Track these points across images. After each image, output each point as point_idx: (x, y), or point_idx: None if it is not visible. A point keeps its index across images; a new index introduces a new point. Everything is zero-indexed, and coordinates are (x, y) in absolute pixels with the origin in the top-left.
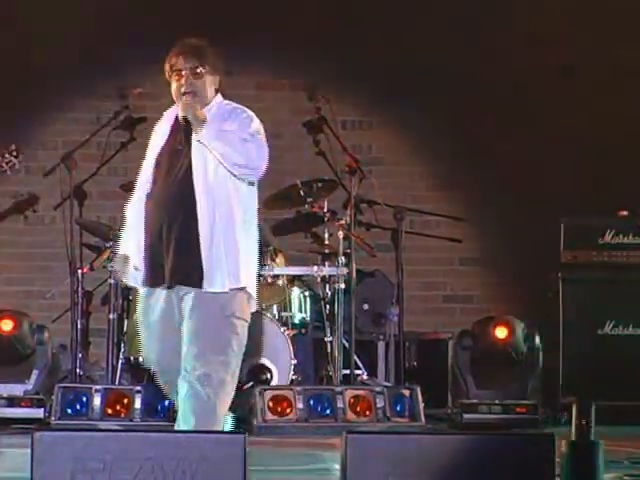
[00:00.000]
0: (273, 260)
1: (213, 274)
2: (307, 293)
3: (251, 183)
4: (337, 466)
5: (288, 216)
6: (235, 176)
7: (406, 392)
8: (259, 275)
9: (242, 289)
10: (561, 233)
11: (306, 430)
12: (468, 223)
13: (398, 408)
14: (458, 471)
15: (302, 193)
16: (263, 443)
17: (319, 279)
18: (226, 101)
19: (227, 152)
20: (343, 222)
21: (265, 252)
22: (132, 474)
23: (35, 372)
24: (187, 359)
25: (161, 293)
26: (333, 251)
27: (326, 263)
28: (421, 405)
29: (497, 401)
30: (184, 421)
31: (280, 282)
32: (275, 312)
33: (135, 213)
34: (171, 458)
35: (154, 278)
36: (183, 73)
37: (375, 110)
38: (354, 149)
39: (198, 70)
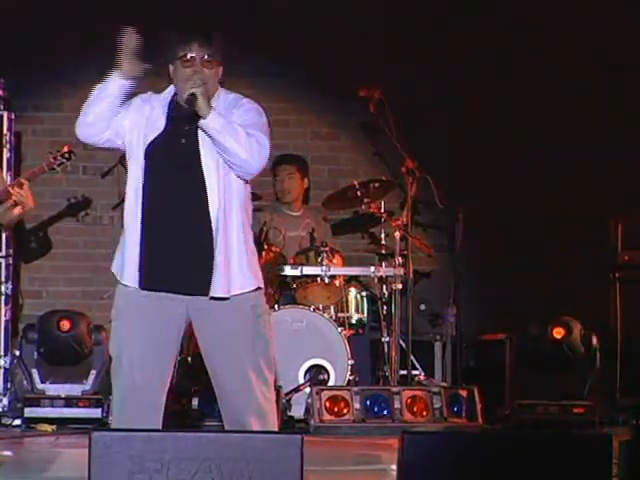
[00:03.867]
0: (330, 261)
1: (234, 277)
2: (364, 293)
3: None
4: (394, 467)
5: (345, 217)
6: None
7: (463, 392)
8: (316, 276)
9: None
10: (618, 234)
11: (363, 430)
12: (525, 224)
13: (455, 408)
14: (515, 471)
15: (359, 194)
16: (320, 443)
17: (376, 279)
18: (228, 92)
19: (233, 147)
20: (400, 223)
21: (322, 252)
22: (189, 474)
23: (93, 372)
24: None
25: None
26: (390, 251)
27: (383, 263)
28: (478, 405)
29: (554, 401)
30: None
31: (337, 282)
32: (332, 312)
33: (131, 216)
34: (228, 458)
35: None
36: (195, 61)
37: (433, 111)
38: (411, 150)
39: (209, 59)
